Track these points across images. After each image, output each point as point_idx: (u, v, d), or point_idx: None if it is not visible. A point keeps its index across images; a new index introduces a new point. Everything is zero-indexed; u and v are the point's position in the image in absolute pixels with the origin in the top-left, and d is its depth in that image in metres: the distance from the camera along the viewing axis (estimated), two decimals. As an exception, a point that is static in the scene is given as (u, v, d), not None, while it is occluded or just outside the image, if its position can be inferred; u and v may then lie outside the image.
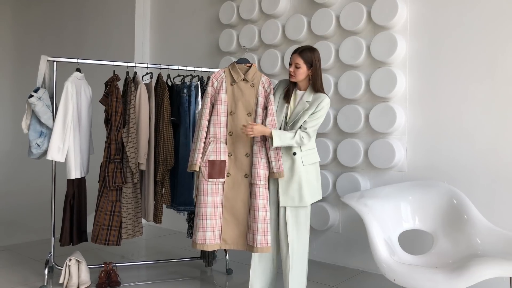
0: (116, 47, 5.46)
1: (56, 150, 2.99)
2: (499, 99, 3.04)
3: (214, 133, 2.64)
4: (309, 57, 2.62)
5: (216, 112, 2.65)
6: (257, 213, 2.56)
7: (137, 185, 3.24)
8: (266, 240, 2.55)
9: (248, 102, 2.67)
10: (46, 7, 6.76)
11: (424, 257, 2.73)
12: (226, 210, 2.64)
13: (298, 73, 2.64)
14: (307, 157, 2.67)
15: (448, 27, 3.25)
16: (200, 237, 2.57)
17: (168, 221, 4.20)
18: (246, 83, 2.69)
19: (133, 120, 3.15)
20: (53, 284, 3.14)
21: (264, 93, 2.69)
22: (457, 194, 2.82)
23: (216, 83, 2.70)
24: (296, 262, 2.69)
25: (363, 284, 3.26)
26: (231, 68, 2.72)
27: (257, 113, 2.65)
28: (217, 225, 2.62)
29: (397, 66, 3.43)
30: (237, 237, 2.65)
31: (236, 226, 2.64)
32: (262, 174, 2.59)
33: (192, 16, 4.93)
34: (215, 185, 2.61)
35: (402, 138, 3.42)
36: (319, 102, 2.62)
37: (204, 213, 2.58)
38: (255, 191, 2.58)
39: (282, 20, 4.08)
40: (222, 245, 2.64)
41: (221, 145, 2.63)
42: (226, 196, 2.63)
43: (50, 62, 3.12)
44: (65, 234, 3.13)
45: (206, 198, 2.59)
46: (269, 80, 2.73)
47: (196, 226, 2.59)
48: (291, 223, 2.65)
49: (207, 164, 2.60)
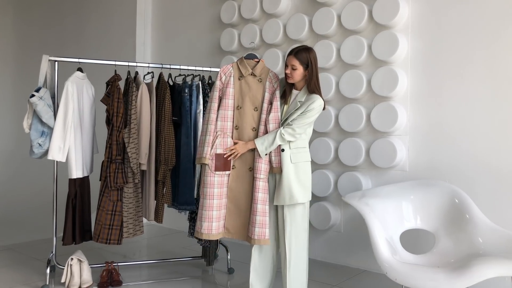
0: (117, 46, 5.47)
1: (56, 150, 2.99)
2: (500, 98, 3.03)
3: (221, 127, 2.67)
4: (305, 57, 2.60)
5: (224, 106, 2.68)
6: (256, 206, 2.60)
7: (138, 185, 3.25)
8: (263, 232, 2.59)
9: (255, 97, 2.69)
10: (47, 7, 6.76)
11: (426, 256, 2.73)
12: (229, 200, 2.69)
13: (295, 75, 2.63)
14: (297, 155, 2.65)
15: (450, 26, 3.24)
16: (206, 228, 2.61)
17: (169, 220, 4.21)
18: (254, 78, 2.72)
19: (135, 121, 3.15)
20: (55, 283, 3.14)
21: (271, 88, 2.71)
22: (458, 193, 2.82)
23: (224, 77, 2.72)
24: (295, 261, 2.69)
25: (365, 284, 3.26)
26: (239, 63, 2.75)
27: (263, 108, 2.68)
28: (222, 215, 2.67)
29: (399, 65, 3.43)
30: (239, 227, 2.70)
31: (238, 217, 2.69)
32: (262, 168, 2.63)
33: (193, 15, 4.93)
34: (221, 177, 2.66)
35: (404, 138, 3.41)
36: (310, 103, 2.60)
37: (211, 205, 2.62)
38: (256, 184, 2.62)
39: (283, 20, 4.08)
40: (225, 234, 2.70)
41: (228, 139, 2.67)
42: (230, 187, 2.68)
43: (51, 62, 3.13)
44: (67, 234, 3.14)
45: (212, 190, 2.63)
46: (276, 75, 2.75)
47: (201, 216, 2.63)
48: (288, 222, 2.67)
49: (214, 157, 2.64)
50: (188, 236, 3.52)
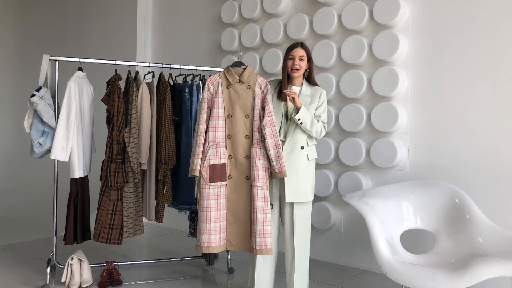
0: (118, 46, 5.47)
1: (59, 150, 2.99)
2: (501, 98, 3.03)
3: (213, 137, 2.62)
4: (308, 50, 2.73)
5: (214, 116, 2.64)
6: (255, 215, 2.55)
7: (139, 184, 3.25)
8: (265, 242, 2.53)
9: (245, 104, 2.66)
10: (48, 7, 6.77)
11: (426, 256, 2.73)
12: (229, 212, 2.63)
13: (303, 65, 2.70)
14: (311, 152, 2.72)
15: (450, 26, 3.24)
16: (206, 241, 2.56)
17: (169, 220, 4.21)
18: (242, 85, 2.68)
19: (135, 121, 3.15)
20: (55, 282, 3.15)
21: (261, 94, 2.67)
22: (459, 194, 2.82)
23: (212, 88, 2.68)
24: (301, 260, 2.70)
25: (365, 284, 3.26)
26: (226, 71, 2.71)
27: (255, 115, 2.64)
28: (222, 227, 2.61)
29: (399, 65, 3.42)
30: (241, 238, 2.64)
31: (239, 228, 2.64)
32: (260, 175, 2.58)
33: (194, 15, 4.93)
34: (217, 188, 2.60)
35: (404, 137, 3.41)
36: (319, 95, 2.71)
37: (208, 217, 2.56)
38: (254, 193, 2.57)
39: (284, 19, 4.08)
40: (227, 246, 2.64)
41: (221, 149, 2.62)
42: (229, 198, 2.63)
43: (52, 62, 3.12)
44: (69, 233, 3.13)
45: (209, 202, 2.58)
46: (265, 81, 2.71)
47: (200, 229, 2.58)
48: (297, 220, 2.66)
49: (208, 168, 2.59)
50: (188, 235, 3.52)
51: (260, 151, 2.61)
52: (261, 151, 2.61)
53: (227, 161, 2.63)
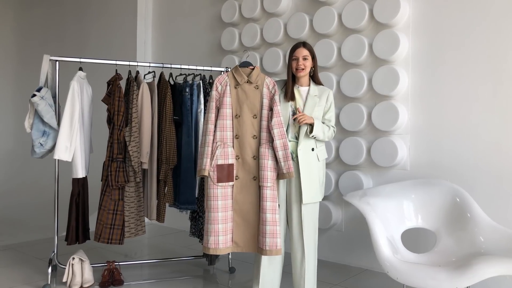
0: (118, 46, 5.47)
1: (63, 150, 2.98)
2: (501, 96, 3.03)
3: (221, 137, 2.62)
4: (311, 49, 2.74)
5: (222, 116, 2.63)
6: (264, 215, 2.55)
7: (140, 184, 3.25)
8: (275, 242, 2.53)
9: (253, 104, 2.65)
10: (48, 7, 6.77)
11: (427, 255, 2.73)
12: (236, 213, 2.62)
13: (308, 65, 2.70)
14: (321, 153, 2.76)
15: (451, 25, 3.24)
16: (213, 242, 2.55)
17: (170, 219, 4.20)
18: (250, 85, 2.68)
19: (136, 120, 3.15)
20: (57, 282, 3.15)
21: (269, 94, 2.68)
22: (460, 192, 2.82)
23: (220, 87, 2.68)
24: (310, 260, 2.71)
25: (366, 283, 3.26)
26: (235, 71, 2.71)
27: (263, 115, 2.65)
28: (229, 228, 2.60)
29: (400, 64, 3.42)
30: (248, 239, 2.63)
31: (246, 229, 2.63)
32: (269, 176, 2.58)
33: (194, 14, 4.93)
34: (224, 189, 2.59)
35: (405, 137, 3.41)
36: (327, 96, 2.75)
37: (215, 218, 2.55)
38: (262, 193, 2.57)
39: (284, 19, 4.08)
40: (234, 248, 2.63)
41: (229, 148, 2.61)
42: (236, 199, 2.62)
43: (52, 62, 3.13)
44: (71, 233, 3.13)
45: (216, 203, 2.56)
46: (273, 81, 2.72)
47: (207, 230, 2.57)
48: (306, 220, 2.68)
49: (216, 168, 2.58)
50: (190, 235, 3.52)
51: (269, 152, 2.61)
52: (269, 151, 2.61)
53: (234, 161, 2.62)
